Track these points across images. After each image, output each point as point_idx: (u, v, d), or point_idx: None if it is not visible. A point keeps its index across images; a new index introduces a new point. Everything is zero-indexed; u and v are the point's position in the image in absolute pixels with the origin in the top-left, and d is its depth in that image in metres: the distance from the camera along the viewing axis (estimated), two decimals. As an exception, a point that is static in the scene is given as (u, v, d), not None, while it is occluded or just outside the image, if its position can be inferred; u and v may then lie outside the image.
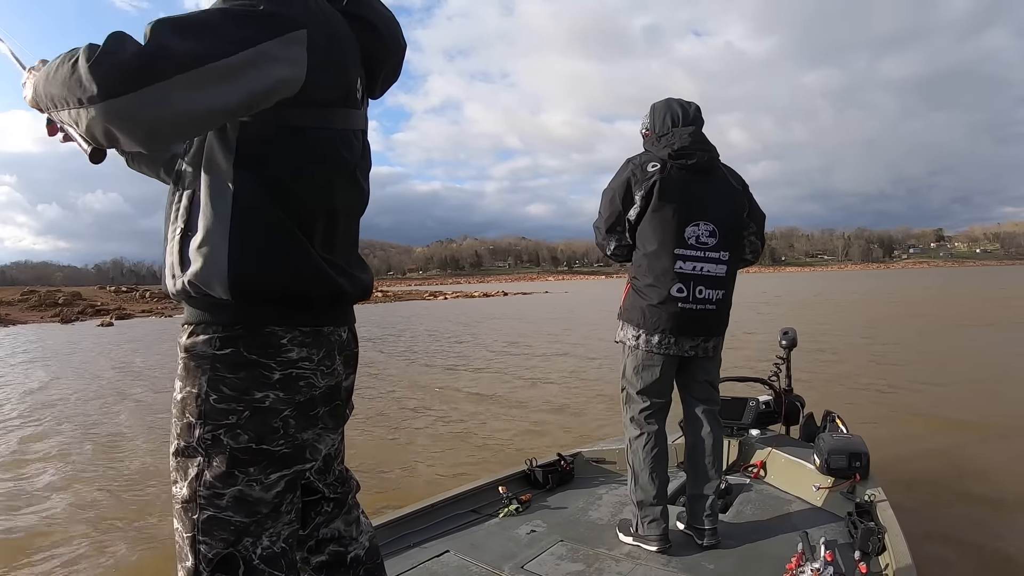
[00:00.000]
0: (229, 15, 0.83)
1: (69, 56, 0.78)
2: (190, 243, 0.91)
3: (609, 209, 2.06)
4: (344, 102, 0.99)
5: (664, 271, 1.97)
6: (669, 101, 2.11)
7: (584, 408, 5.91)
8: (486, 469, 3.80)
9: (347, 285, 1.00)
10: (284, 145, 0.91)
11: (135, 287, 41.92)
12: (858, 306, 20.50)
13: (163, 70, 0.75)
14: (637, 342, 2.02)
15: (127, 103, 0.75)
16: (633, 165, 2.03)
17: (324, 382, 0.98)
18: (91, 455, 4.79)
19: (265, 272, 0.89)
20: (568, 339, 12.62)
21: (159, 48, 0.75)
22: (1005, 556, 2.60)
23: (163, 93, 0.75)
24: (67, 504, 3.69)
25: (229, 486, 0.90)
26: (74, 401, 7.13)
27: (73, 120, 0.80)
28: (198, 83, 0.78)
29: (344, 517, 1.15)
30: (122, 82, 0.74)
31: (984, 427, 4.61)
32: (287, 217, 0.91)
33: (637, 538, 2.00)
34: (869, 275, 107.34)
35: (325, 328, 0.98)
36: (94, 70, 0.73)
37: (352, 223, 1.08)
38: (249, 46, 0.82)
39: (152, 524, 3.32)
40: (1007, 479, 3.50)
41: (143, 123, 0.78)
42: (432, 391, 7.16)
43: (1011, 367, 7.21)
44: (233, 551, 0.91)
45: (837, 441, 2.35)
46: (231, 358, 0.89)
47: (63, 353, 12.90)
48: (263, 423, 0.91)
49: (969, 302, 19.86)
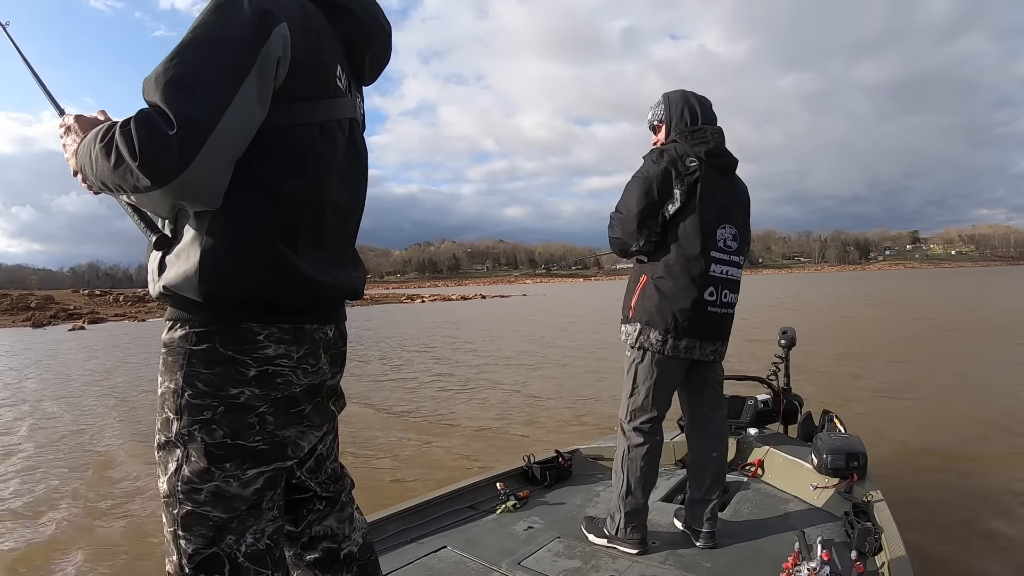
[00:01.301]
0: (224, 33, 0.85)
1: (107, 146, 0.83)
2: (171, 250, 0.92)
3: (645, 200, 1.90)
4: (322, 93, 0.97)
5: (701, 274, 1.91)
6: (685, 94, 2.04)
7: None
8: (484, 465, 3.81)
9: (331, 286, 1.00)
10: (264, 146, 0.90)
11: (109, 290, 41.77)
12: (850, 309, 20.49)
13: (196, 142, 0.81)
14: (663, 347, 1.92)
15: (181, 183, 0.82)
16: (670, 156, 1.92)
17: (306, 380, 0.97)
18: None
19: (236, 280, 0.89)
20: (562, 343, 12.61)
21: (184, 125, 0.80)
22: (1002, 557, 2.60)
23: (206, 158, 0.82)
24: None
25: (206, 481, 0.90)
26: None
27: (133, 200, 0.89)
28: (230, 128, 0.84)
29: (337, 515, 1.15)
30: (169, 171, 0.81)
31: (983, 427, 4.61)
32: (267, 219, 0.90)
33: (614, 540, 1.96)
34: (846, 276, 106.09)
35: (308, 326, 0.98)
36: (143, 168, 0.80)
37: (344, 218, 1.06)
38: (252, 59, 0.85)
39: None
40: (1004, 479, 3.51)
41: (203, 185, 0.84)
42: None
43: (1011, 367, 7.23)
44: (217, 550, 0.91)
45: (835, 441, 2.35)
46: (206, 354, 0.89)
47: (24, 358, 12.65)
48: (238, 419, 0.91)
49: (961, 305, 19.83)
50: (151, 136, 0.79)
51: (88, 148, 0.87)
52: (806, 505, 2.28)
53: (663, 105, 2.05)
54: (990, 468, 3.72)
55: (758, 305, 20.18)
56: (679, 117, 2.00)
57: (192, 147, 0.80)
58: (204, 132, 0.81)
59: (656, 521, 2.13)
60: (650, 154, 1.99)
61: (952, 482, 3.49)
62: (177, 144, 0.79)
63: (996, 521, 2.94)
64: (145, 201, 0.87)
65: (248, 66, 0.84)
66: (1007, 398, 5.60)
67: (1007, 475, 3.58)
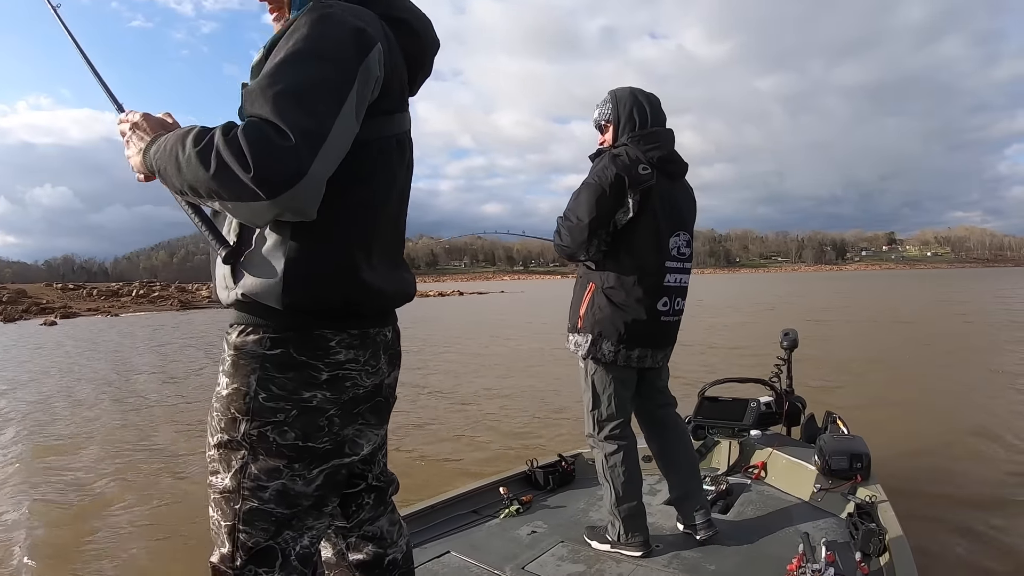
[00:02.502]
0: (328, 48, 0.86)
1: (204, 152, 0.80)
2: (244, 256, 0.94)
3: (597, 208, 1.83)
4: (399, 107, 1.02)
5: (654, 285, 1.89)
6: (634, 91, 1.96)
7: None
8: (487, 469, 3.80)
9: (394, 292, 1.04)
10: (350, 158, 0.91)
11: (83, 284, 40.99)
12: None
13: (310, 154, 0.80)
14: (615, 357, 1.89)
15: (292, 195, 0.80)
16: (622, 163, 1.85)
17: (369, 381, 1.01)
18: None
19: (318, 292, 0.92)
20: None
21: (300, 137, 0.80)
22: (1007, 557, 2.59)
23: (317, 171, 0.82)
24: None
25: (273, 479, 0.93)
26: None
27: (226, 208, 0.85)
28: (337, 141, 0.85)
29: (389, 516, 1.17)
30: (284, 184, 0.79)
31: (985, 428, 4.60)
32: (348, 229, 0.94)
33: (617, 546, 1.96)
34: (826, 276, 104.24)
35: (372, 329, 1.01)
36: (257, 179, 0.78)
37: (400, 224, 1.10)
38: (355, 75, 0.86)
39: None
40: (1008, 480, 3.50)
41: (310, 199, 0.83)
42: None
43: (1010, 367, 7.21)
44: (273, 543, 0.94)
45: (838, 442, 2.35)
46: (281, 358, 0.92)
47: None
48: (310, 421, 0.93)
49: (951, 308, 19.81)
50: (267, 148, 0.78)
51: (174, 152, 0.84)
52: (810, 507, 2.28)
53: (610, 104, 1.96)
54: (995, 468, 3.71)
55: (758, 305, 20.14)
56: (627, 117, 1.92)
57: (307, 159, 0.80)
58: (317, 144, 0.81)
59: (659, 524, 2.13)
60: (600, 158, 1.91)
61: (957, 482, 3.48)
62: (295, 156, 0.79)
63: (1001, 521, 2.92)
64: (244, 211, 0.84)
65: (351, 81, 0.86)
66: (1011, 398, 5.59)
67: (1014, 475, 3.57)
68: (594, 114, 2.03)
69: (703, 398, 2.97)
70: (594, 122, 2.04)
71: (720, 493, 2.37)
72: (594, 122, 2.04)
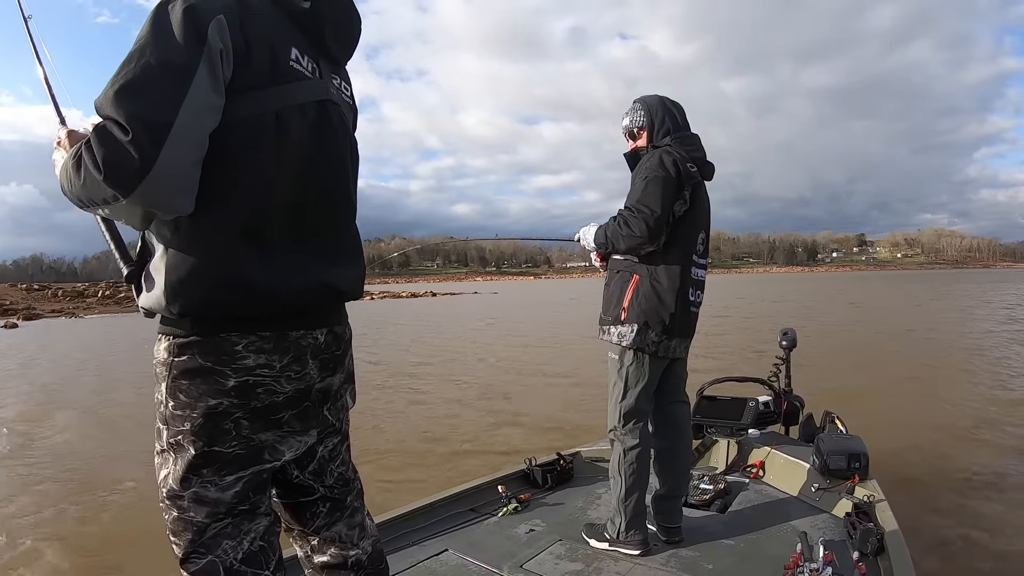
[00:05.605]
0: (162, 38, 0.83)
1: (76, 163, 0.83)
2: (144, 270, 0.94)
3: (666, 199, 1.89)
4: (273, 80, 0.93)
5: (687, 276, 1.99)
6: (663, 100, 2.07)
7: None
8: (485, 467, 3.80)
9: (312, 289, 0.98)
10: (217, 143, 0.87)
11: (48, 285, 39.91)
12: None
13: (155, 143, 0.79)
14: (657, 348, 1.96)
15: (146, 188, 0.80)
16: (676, 158, 1.95)
17: (290, 387, 0.97)
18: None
19: (202, 297, 0.88)
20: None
21: (138, 127, 0.79)
22: (1004, 557, 2.60)
23: (168, 158, 0.80)
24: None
25: (186, 488, 0.93)
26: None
27: (107, 214, 0.89)
28: (188, 126, 0.82)
29: (347, 520, 1.15)
30: (133, 177, 0.80)
31: (983, 428, 4.61)
32: (229, 220, 0.89)
33: (616, 544, 1.97)
34: (800, 278, 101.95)
35: (292, 332, 0.96)
36: (108, 180, 0.79)
37: (328, 207, 1.03)
38: (197, 55, 0.83)
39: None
40: (1006, 480, 3.50)
41: (170, 189, 0.82)
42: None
43: (1009, 367, 7.22)
44: (214, 558, 0.94)
45: (836, 441, 2.35)
46: (187, 364, 0.91)
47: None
48: (215, 427, 0.92)
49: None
50: (108, 145, 0.79)
51: (65, 167, 0.86)
52: (808, 506, 2.28)
53: (642, 111, 2.05)
54: (994, 468, 3.71)
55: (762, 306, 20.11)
56: (661, 122, 2.02)
57: (151, 148, 0.79)
58: (161, 131, 0.79)
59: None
60: (651, 155, 1.97)
61: (955, 482, 3.48)
62: (135, 147, 0.78)
63: (1000, 521, 2.93)
64: (118, 213, 0.86)
65: (193, 62, 0.83)
66: (1012, 397, 5.60)
67: (1011, 475, 3.57)
68: (624, 121, 2.11)
69: (701, 397, 2.97)
70: (625, 129, 2.11)
71: (718, 492, 2.37)
72: (625, 129, 2.11)
